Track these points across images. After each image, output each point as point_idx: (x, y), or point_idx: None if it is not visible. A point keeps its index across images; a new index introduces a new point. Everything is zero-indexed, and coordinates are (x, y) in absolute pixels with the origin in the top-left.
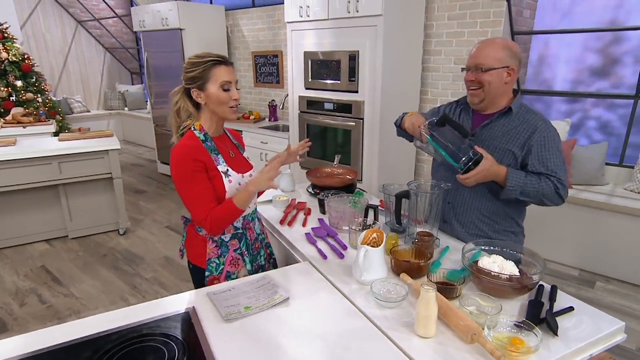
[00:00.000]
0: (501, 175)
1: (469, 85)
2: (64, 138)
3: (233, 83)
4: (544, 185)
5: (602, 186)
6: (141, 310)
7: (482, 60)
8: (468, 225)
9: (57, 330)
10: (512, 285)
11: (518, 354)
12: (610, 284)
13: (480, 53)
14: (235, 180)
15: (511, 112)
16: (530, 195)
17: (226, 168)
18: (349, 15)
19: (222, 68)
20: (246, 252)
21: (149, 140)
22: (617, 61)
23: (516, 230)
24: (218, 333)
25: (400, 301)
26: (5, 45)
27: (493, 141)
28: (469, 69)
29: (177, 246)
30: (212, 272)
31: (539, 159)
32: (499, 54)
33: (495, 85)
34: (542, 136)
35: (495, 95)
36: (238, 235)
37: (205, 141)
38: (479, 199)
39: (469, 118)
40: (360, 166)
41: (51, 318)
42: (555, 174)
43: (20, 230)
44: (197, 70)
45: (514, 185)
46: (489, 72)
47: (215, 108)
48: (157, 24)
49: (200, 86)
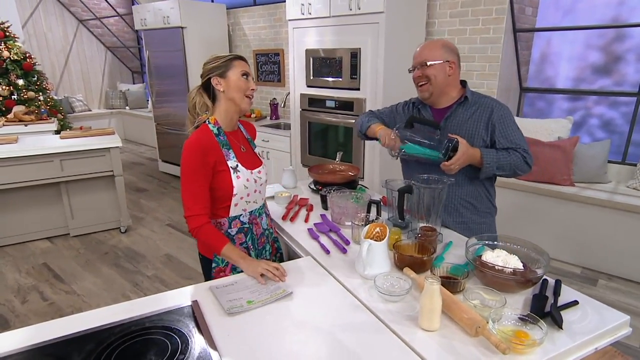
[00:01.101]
0: (476, 157)
1: (418, 82)
2: (65, 136)
3: (250, 75)
4: (514, 157)
5: (605, 184)
6: (144, 303)
7: (424, 57)
8: (452, 213)
9: (60, 323)
10: (516, 279)
11: (523, 346)
12: (612, 281)
13: (422, 52)
14: (244, 176)
15: (467, 100)
16: (505, 168)
17: (236, 163)
18: (350, 13)
19: (241, 61)
20: (252, 246)
21: (150, 139)
22: (620, 59)
23: (492, 210)
24: (221, 326)
25: (404, 295)
26: (6, 44)
27: (460, 129)
28: (415, 67)
29: (178, 245)
30: (219, 264)
31: (504, 136)
32: (439, 51)
33: (440, 78)
34: (500, 115)
35: (442, 87)
36: (244, 229)
37: (218, 135)
38: (459, 186)
39: (429, 114)
40: (361, 163)
41: (53, 315)
42: (520, 146)
43: (22, 227)
44: (220, 61)
45: (489, 163)
46: (432, 66)
47: (234, 95)
48: (159, 22)
49: (222, 74)
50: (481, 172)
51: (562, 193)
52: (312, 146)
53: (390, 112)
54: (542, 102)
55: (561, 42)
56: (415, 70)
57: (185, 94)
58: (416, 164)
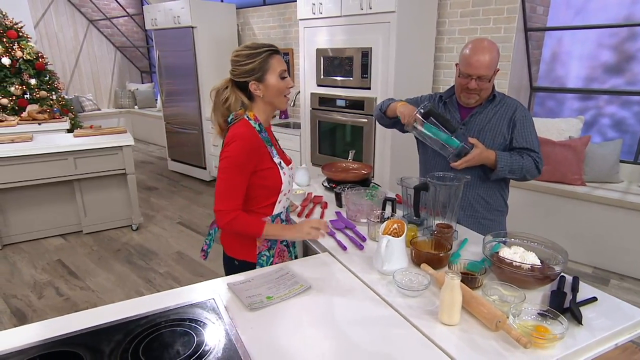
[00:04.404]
0: (491, 159)
1: (470, 91)
2: (78, 134)
3: (286, 71)
4: (526, 162)
5: (617, 184)
6: (167, 297)
7: (485, 72)
8: (466, 208)
9: (89, 314)
10: (535, 276)
11: (544, 340)
12: (624, 281)
13: (482, 64)
14: (287, 173)
15: (495, 98)
16: (516, 172)
17: (279, 160)
18: (362, 12)
19: (277, 57)
20: (291, 243)
21: (159, 138)
22: (633, 58)
23: (504, 209)
24: (244, 320)
25: (423, 290)
26: (20, 44)
27: (484, 126)
28: (470, 76)
29: (189, 242)
30: (263, 265)
31: (522, 135)
32: (495, 60)
33: (489, 88)
34: (522, 115)
35: (486, 95)
36: None
37: (261, 132)
38: (476, 183)
39: (456, 110)
40: (372, 162)
41: (69, 310)
42: (534, 150)
43: (36, 224)
44: (256, 62)
45: (503, 167)
46: (489, 80)
47: (273, 99)
48: (169, 22)
49: (259, 78)
50: (493, 173)
51: (573, 193)
52: (322, 145)
53: (415, 102)
54: (552, 101)
55: (572, 42)
56: (470, 80)
57: (195, 94)
58: (434, 162)
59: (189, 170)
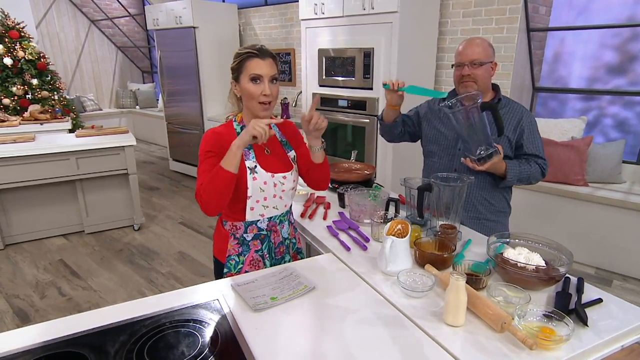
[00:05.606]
0: (502, 169)
1: (465, 80)
2: (80, 134)
3: (265, 77)
4: (533, 170)
5: (619, 184)
6: (171, 298)
7: (477, 57)
8: (469, 209)
9: (93, 315)
10: (539, 277)
11: (550, 342)
12: (627, 282)
13: (474, 50)
14: (262, 179)
15: (501, 102)
16: (523, 180)
17: (255, 164)
18: (364, 12)
19: (255, 61)
20: (267, 255)
21: (160, 138)
22: (635, 58)
23: (507, 210)
24: (248, 321)
25: (427, 291)
26: (21, 44)
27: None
28: (463, 64)
29: (191, 242)
30: (230, 270)
31: (531, 141)
32: (488, 51)
33: (486, 79)
34: (529, 121)
35: (485, 89)
36: (261, 236)
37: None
38: (483, 185)
39: None
40: (374, 162)
41: (71, 310)
42: (541, 156)
43: (38, 224)
44: (235, 62)
45: (512, 177)
46: (482, 66)
47: (247, 102)
48: (171, 22)
49: (236, 78)
50: (502, 182)
51: (576, 193)
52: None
53: (415, 112)
54: (554, 102)
55: (575, 42)
56: (464, 68)
57: (196, 94)
58: (438, 164)
59: (191, 170)
